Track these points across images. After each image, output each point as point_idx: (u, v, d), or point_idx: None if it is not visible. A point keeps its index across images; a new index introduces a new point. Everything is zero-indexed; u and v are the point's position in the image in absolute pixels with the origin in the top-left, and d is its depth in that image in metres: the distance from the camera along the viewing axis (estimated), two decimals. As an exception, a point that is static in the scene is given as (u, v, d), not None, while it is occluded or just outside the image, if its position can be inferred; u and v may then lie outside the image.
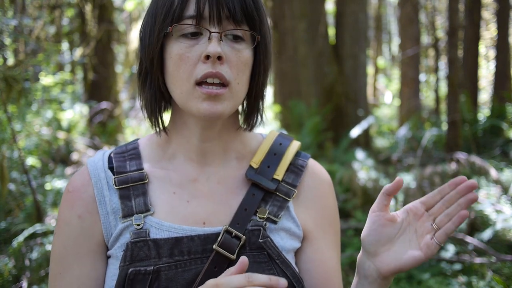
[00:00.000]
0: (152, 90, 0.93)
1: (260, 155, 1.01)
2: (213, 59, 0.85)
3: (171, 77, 0.89)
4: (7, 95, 3.11)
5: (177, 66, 0.87)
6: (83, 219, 0.92)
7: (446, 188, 0.90)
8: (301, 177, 1.01)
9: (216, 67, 0.85)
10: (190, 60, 0.86)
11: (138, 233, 0.89)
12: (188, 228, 0.91)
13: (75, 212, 0.93)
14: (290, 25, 6.35)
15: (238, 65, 0.88)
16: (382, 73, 16.49)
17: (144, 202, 0.92)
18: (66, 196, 0.95)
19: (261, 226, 0.94)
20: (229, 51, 0.87)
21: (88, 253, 0.92)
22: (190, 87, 0.87)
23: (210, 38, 0.85)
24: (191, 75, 0.86)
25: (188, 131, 0.95)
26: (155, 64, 0.90)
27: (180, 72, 0.87)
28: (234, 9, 0.86)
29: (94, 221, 0.93)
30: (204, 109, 0.86)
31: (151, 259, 0.88)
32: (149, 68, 0.91)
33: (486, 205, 3.72)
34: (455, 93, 5.12)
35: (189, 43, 0.87)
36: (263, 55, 0.93)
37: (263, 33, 0.92)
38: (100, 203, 0.93)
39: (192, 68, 0.86)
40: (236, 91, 0.89)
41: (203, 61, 0.85)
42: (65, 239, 0.92)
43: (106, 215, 0.92)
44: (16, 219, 3.57)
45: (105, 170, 0.95)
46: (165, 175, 0.96)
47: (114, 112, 7.17)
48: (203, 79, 0.86)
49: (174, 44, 0.87)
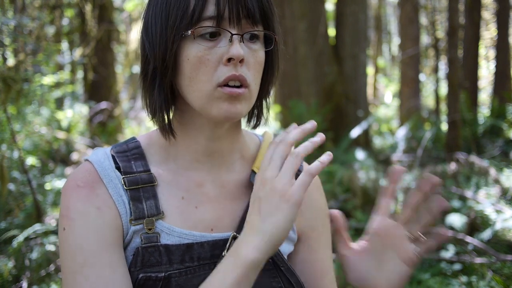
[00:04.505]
0: (162, 93, 0.89)
1: (261, 159, 1.01)
2: (235, 62, 0.83)
3: (187, 80, 0.86)
4: (6, 95, 3.11)
5: (196, 68, 0.84)
6: (102, 211, 0.85)
7: (415, 194, 0.86)
8: None
9: (238, 69, 0.83)
10: (210, 63, 0.84)
11: (149, 237, 0.87)
12: (198, 234, 0.90)
13: (92, 204, 0.85)
14: (290, 25, 6.35)
15: (256, 66, 0.87)
16: (382, 73, 16.49)
17: (155, 205, 0.89)
18: (75, 191, 0.86)
19: None
20: (247, 52, 0.85)
21: (115, 243, 0.85)
22: (211, 89, 0.84)
23: (232, 41, 0.83)
24: (212, 78, 0.84)
25: (196, 131, 0.93)
26: (170, 66, 0.86)
27: (200, 75, 0.84)
28: (253, 8, 0.84)
29: (115, 215, 0.86)
30: (225, 110, 0.84)
31: (162, 265, 0.86)
32: (161, 69, 0.87)
33: (486, 205, 3.72)
34: (455, 93, 5.12)
35: (208, 45, 0.84)
36: (276, 55, 0.92)
37: (277, 31, 0.91)
38: (118, 202, 0.87)
39: (212, 70, 0.84)
40: (254, 92, 0.88)
41: (224, 63, 0.83)
42: (84, 230, 0.83)
43: (125, 214, 0.87)
44: (16, 219, 3.57)
45: (113, 170, 0.90)
46: (172, 179, 0.93)
47: (114, 112, 7.17)
48: (225, 82, 0.83)
49: (191, 46, 0.84)
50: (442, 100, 9.26)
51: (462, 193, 4.00)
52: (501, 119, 6.71)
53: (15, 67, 3.48)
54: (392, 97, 14.09)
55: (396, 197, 0.91)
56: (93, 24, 6.72)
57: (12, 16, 4.47)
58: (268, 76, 0.93)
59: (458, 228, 3.56)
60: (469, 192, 4.04)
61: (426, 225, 0.83)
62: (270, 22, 0.88)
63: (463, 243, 3.44)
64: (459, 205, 3.93)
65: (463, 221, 3.61)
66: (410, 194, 0.86)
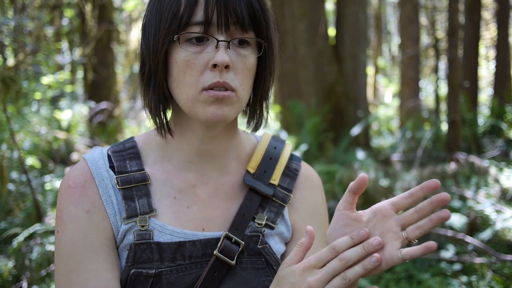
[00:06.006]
0: (156, 93, 0.92)
1: (257, 159, 1.02)
2: (220, 68, 0.84)
3: (176, 82, 0.88)
4: (5, 95, 3.11)
5: (183, 72, 0.86)
6: (91, 214, 0.89)
7: (418, 191, 0.81)
8: (296, 181, 1.03)
9: (223, 76, 0.85)
10: (196, 67, 0.85)
11: (141, 234, 0.89)
12: (190, 232, 0.92)
13: (81, 208, 0.89)
14: (290, 25, 6.35)
15: (244, 71, 0.88)
16: (382, 73, 16.49)
17: (148, 203, 0.92)
18: (67, 192, 0.91)
19: (259, 232, 0.95)
20: (235, 57, 0.86)
21: (101, 246, 0.89)
22: (197, 92, 0.86)
23: (218, 47, 0.84)
24: (198, 82, 0.86)
25: (190, 133, 0.95)
26: (160, 68, 0.88)
27: (186, 78, 0.86)
28: (242, 15, 0.84)
29: (102, 216, 0.90)
30: (211, 113, 0.86)
31: (153, 262, 0.88)
32: (153, 71, 0.90)
33: (486, 205, 3.72)
34: (455, 93, 5.12)
35: (195, 49, 0.86)
36: (269, 60, 0.92)
37: (269, 37, 0.91)
38: (107, 203, 0.90)
39: (198, 75, 0.85)
40: (241, 96, 0.89)
41: (210, 69, 0.85)
42: (74, 235, 0.88)
43: (114, 215, 0.90)
44: (16, 219, 3.57)
45: (107, 169, 0.93)
46: (165, 179, 0.95)
47: (114, 112, 7.17)
48: (210, 87, 0.85)
49: (180, 50, 0.86)
50: (442, 100, 9.26)
51: (462, 193, 4.00)
52: (501, 119, 6.71)
53: (15, 67, 3.48)
54: (392, 97, 14.09)
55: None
56: (93, 24, 6.72)
57: (12, 16, 4.47)
58: (262, 80, 0.93)
59: (458, 228, 3.56)
60: (469, 192, 4.04)
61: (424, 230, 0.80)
62: (262, 29, 0.88)
63: (463, 243, 3.44)
64: (459, 205, 3.93)
65: (463, 221, 3.61)
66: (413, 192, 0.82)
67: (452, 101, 5.15)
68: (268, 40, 0.90)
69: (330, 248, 0.79)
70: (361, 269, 0.77)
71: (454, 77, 5.07)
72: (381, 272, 0.79)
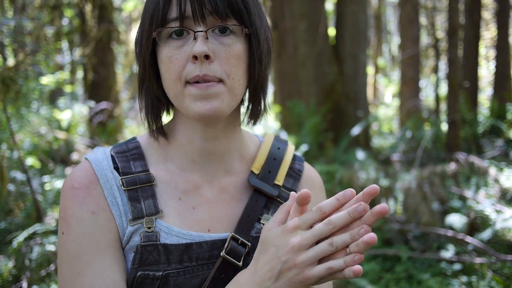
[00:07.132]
0: (149, 95, 0.93)
1: (261, 160, 1.01)
2: (200, 59, 0.83)
3: (164, 81, 0.88)
4: (5, 95, 3.11)
5: (168, 68, 0.86)
6: (97, 214, 0.87)
7: (349, 195, 0.76)
8: (299, 182, 1.03)
9: (204, 67, 0.83)
10: (178, 61, 0.85)
11: (148, 236, 0.88)
12: (196, 234, 0.91)
13: (87, 208, 0.87)
14: (290, 25, 6.35)
15: (229, 60, 0.86)
16: (382, 73, 16.49)
17: (154, 204, 0.90)
18: (72, 193, 0.88)
19: None
20: (217, 47, 0.85)
21: (108, 247, 0.87)
22: (181, 88, 0.85)
23: (196, 38, 0.84)
24: (181, 76, 0.85)
25: (190, 132, 0.94)
26: (148, 70, 0.89)
27: (171, 74, 0.86)
28: (216, 4, 0.84)
29: (108, 218, 0.88)
30: (198, 108, 0.84)
31: (160, 264, 0.87)
32: (142, 74, 0.91)
33: (486, 205, 3.72)
34: (455, 93, 5.12)
35: (176, 44, 0.85)
36: (256, 46, 0.89)
37: (253, 22, 0.88)
38: (112, 204, 0.89)
39: (181, 69, 0.85)
40: (233, 86, 0.86)
41: (192, 61, 0.84)
42: (79, 237, 0.86)
43: (119, 216, 0.89)
44: (16, 219, 3.57)
45: (111, 170, 0.92)
46: (170, 180, 0.94)
47: (114, 112, 7.16)
48: (193, 81, 0.85)
49: (163, 48, 0.86)
50: (442, 100, 9.26)
51: (462, 193, 4.00)
52: (501, 119, 6.71)
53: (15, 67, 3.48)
54: (392, 97, 14.09)
55: None
56: (93, 24, 6.72)
57: (12, 16, 4.46)
58: (252, 67, 0.90)
59: (458, 228, 3.56)
60: (469, 192, 4.04)
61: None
62: (243, 15, 0.87)
63: (463, 243, 3.44)
64: (459, 205, 3.93)
65: (463, 221, 3.61)
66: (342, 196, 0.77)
67: (452, 101, 5.15)
68: (251, 26, 0.88)
69: (316, 209, 0.76)
70: (348, 238, 0.74)
71: (454, 77, 5.07)
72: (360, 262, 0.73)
